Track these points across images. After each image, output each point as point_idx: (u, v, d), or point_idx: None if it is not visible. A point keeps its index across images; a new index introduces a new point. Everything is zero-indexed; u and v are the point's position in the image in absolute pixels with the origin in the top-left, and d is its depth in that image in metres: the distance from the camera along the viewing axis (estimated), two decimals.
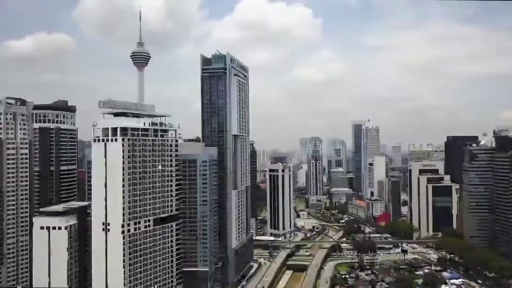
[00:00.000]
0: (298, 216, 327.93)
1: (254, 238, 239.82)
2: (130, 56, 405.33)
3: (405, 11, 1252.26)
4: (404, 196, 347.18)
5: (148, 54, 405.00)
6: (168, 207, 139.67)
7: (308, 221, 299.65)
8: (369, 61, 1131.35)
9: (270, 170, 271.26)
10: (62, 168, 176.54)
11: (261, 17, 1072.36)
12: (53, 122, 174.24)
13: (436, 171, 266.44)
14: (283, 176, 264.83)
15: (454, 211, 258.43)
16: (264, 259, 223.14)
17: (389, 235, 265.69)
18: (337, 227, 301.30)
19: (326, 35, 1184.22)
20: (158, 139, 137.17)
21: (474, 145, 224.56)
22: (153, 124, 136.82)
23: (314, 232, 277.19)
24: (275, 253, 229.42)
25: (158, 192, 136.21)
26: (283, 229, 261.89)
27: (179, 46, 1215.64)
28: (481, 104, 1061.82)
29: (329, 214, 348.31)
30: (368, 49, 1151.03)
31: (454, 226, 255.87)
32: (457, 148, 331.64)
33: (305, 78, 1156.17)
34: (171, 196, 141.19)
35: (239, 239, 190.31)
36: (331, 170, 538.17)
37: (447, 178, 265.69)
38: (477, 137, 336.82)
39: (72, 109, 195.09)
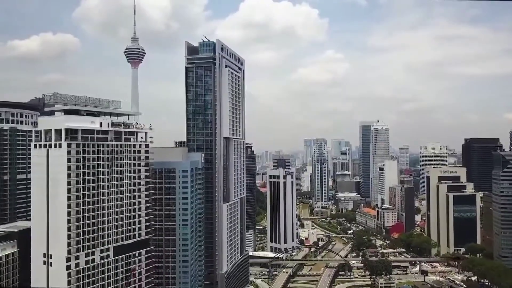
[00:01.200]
0: (302, 225, 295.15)
1: (251, 254, 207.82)
2: (124, 52, 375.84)
3: (410, 12, 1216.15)
4: (416, 203, 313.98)
5: (143, 50, 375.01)
6: (135, 231, 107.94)
7: (312, 232, 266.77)
8: (374, 62, 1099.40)
9: (271, 177, 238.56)
10: (19, 177, 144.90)
11: (266, 17, 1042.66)
12: (7, 122, 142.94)
13: (457, 179, 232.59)
14: (285, 183, 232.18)
15: (478, 224, 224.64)
16: (262, 280, 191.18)
17: (403, 250, 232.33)
18: (345, 239, 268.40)
19: (331, 35, 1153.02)
20: (122, 144, 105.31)
21: (509, 150, 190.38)
22: (115, 124, 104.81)
23: (319, 246, 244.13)
24: (275, 272, 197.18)
25: (122, 213, 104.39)
26: (285, 242, 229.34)
27: (183, 46, 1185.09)
28: (486, 105, 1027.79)
29: (336, 223, 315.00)
30: (373, 50, 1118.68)
31: (478, 241, 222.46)
32: (476, 152, 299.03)
33: (310, 78, 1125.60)
34: (140, 216, 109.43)
35: (232, 260, 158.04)
36: (337, 173, 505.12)
37: (469, 186, 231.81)
38: (498, 139, 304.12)
39: (37, 108, 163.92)
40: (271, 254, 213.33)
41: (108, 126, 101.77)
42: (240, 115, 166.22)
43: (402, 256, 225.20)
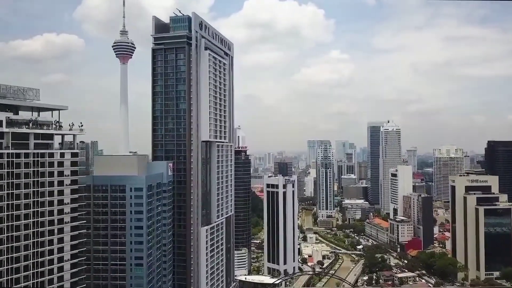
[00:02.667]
0: (305, 238, 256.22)
1: (244, 278, 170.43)
2: (112, 46, 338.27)
3: (417, 12, 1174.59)
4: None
5: (133, 44, 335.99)
6: (53, 283, 70.25)
7: (316, 249, 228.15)
8: (380, 63, 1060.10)
9: (268, 185, 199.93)
10: None
11: (271, 16, 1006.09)
12: None
13: (487, 189, 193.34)
14: (284, 193, 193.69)
15: None
16: None
17: (424, 272, 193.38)
18: (354, 256, 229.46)
19: (337, 35, 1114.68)
20: (29, 152, 67.79)
21: None
22: (16, 123, 67.34)
23: (325, 267, 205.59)
24: None
25: (29, 257, 66.84)
26: (285, 263, 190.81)
27: None
28: (494, 107, 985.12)
29: (343, 235, 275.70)
30: (379, 50, 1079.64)
31: None
32: (503, 157, 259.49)
33: (314, 79, 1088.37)
34: (62, 260, 71.88)
35: None
36: (342, 177, 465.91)
37: (503, 198, 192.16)
38: None
39: None
40: (268, 279, 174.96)
41: (1, 126, 64.21)
42: (226, 112, 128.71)
43: (423, 281, 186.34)
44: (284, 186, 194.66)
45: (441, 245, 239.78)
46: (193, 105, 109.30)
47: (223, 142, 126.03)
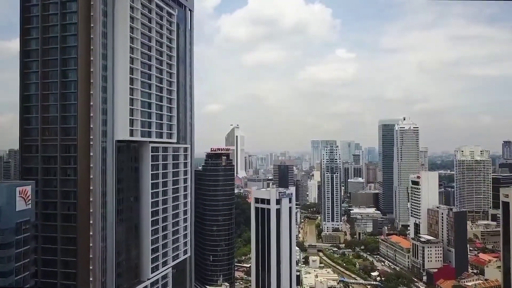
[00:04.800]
0: (306, 260, 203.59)
1: None
2: None
3: (424, 11, 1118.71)
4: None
5: None
6: None
7: (321, 276, 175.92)
8: (386, 62, 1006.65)
9: (257, 200, 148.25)
10: None
11: (276, 14, 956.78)
12: None
13: None
14: (278, 211, 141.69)
15: None
16: None
17: None
18: (368, 287, 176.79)
19: (343, 35, 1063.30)
20: None
21: None
22: None
23: None
24: None
25: None
26: None
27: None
28: (502, 107, 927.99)
29: (353, 254, 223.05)
30: (385, 50, 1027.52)
31: None
32: None
33: (319, 79, 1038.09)
34: None
35: None
36: (349, 180, 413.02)
37: None
38: None
39: None
40: None
41: None
42: (173, 94, 77.38)
43: None
44: (278, 202, 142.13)
45: (475, 270, 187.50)
46: (94, 75, 58.07)
47: (168, 142, 74.85)
